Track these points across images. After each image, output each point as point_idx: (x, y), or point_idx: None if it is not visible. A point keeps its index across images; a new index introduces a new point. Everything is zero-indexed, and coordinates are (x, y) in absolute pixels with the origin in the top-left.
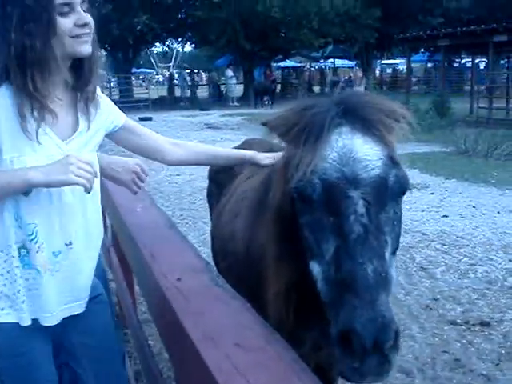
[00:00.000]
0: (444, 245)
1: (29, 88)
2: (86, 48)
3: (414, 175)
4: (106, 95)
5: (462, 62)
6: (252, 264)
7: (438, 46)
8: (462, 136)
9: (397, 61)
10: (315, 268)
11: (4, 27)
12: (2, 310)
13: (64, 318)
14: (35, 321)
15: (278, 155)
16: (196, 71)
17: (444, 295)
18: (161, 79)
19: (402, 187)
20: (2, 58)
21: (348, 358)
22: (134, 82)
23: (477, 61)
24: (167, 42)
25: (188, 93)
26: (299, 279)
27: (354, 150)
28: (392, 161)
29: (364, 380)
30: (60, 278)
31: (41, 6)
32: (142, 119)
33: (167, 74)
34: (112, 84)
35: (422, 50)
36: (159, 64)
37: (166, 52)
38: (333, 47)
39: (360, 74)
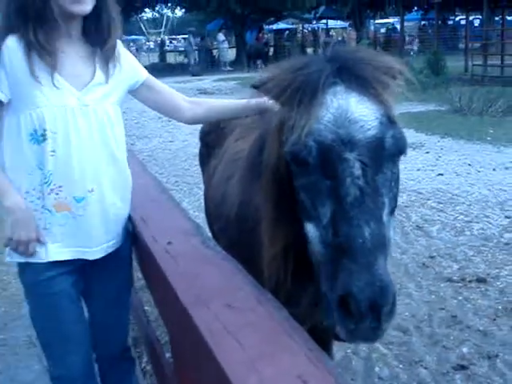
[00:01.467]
0: (440, 203)
1: (30, 38)
2: (79, 8)
3: (409, 135)
4: None
5: (457, 19)
6: (245, 226)
7: (432, 3)
8: (456, 94)
9: (391, 20)
10: (311, 231)
11: None
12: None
13: (89, 264)
14: (63, 263)
15: None
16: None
17: (440, 253)
18: (152, 46)
19: (400, 147)
20: (5, 9)
21: (346, 320)
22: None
23: (471, 18)
24: (157, 8)
25: (196, 56)
26: (296, 240)
27: (350, 110)
28: (389, 120)
29: (358, 341)
30: (84, 221)
31: None
32: None
33: (159, 40)
34: None
35: (416, 8)
36: (150, 30)
37: (156, 17)
38: (325, 8)
39: (354, 34)
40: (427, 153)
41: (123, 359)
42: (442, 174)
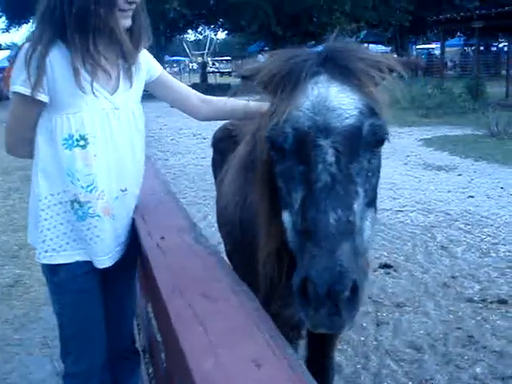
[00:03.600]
0: (467, 224)
1: (90, 50)
2: (127, 21)
3: (442, 157)
4: None
5: (500, 45)
6: (245, 229)
7: (473, 28)
8: (494, 118)
9: (433, 45)
10: (286, 218)
11: None
12: (75, 249)
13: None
14: (96, 263)
15: None
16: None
17: (463, 273)
18: (195, 67)
19: (378, 137)
20: (59, 15)
21: (305, 306)
22: (168, 70)
23: None
24: (199, 29)
25: None
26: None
27: (329, 98)
28: (370, 111)
29: (318, 329)
30: (117, 222)
31: None
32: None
33: (199, 60)
34: None
35: (459, 34)
36: (193, 52)
37: (199, 39)
38: (366, 32)
39: None
40: (459, 175)
41: (130, 351)
42: (472, 197)
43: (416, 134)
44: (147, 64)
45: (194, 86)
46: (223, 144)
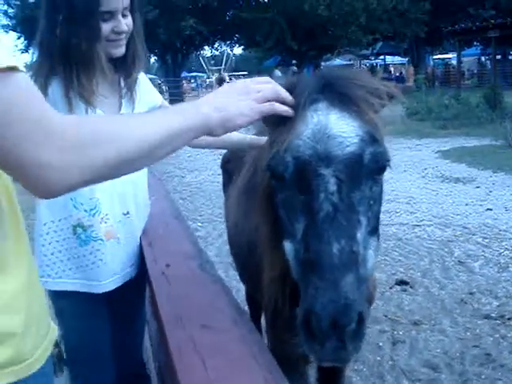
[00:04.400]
0: (485, 238)
1: (73, 80)
2: (118, 51)
3: (460, 169)
4: None
5: None
6: (251, 252)
7: (489, 37)
8: None
9: (449, 55)
10: (288, 247)
11: (53, 19)
12: (71, 279)
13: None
14: (98, 287)
15: None
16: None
17: (480, 289)
18: (212, 82)
19: (380, 164)
20: (49, 48)
21: (310, 340)
22: (185, 86)
23: None
24: (216, 45)
25: None
26: None
27: (329, 126)
28: (370, 138)
29: (323, 363)
30: (122, 245)
31: (87, 12)
32: None
33: (216, 76)
34: (163, 88)
35: (475, 43)
36: (210, 67)
37: (215, 55)
38: (383, 43)
39: (412, 69)
40: (477, 187)
41: (139, 376)
42: (490, 209)
43: (433, 145)
44: (149, 92)
45: None
46: (230, 165)
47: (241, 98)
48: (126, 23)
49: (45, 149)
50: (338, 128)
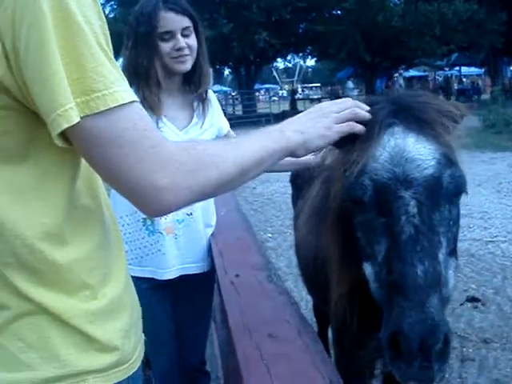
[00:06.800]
0: None
1: (139, 94)
2: (183, 66)
3: None
4: (230, 111)
5: None
6: (319, 267)
7: None
8: None
9: None
10: (368, 269)
11: (125, 45)
12: (134, 267)
13: (180, 278)
14: (159, 274)
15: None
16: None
17: None
18: (285, 94)
19: (458, 188)
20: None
21: (396, 360)
22: (260, 98)
23: None
24: (288, 57)
25: None
26: (362, 281)
27: (406, 149)
28: (448, 160)
29: (409, 382)
30: (181, 242)
31: (147, 34)
32: None
33: (289, 88)
34: (236, 100)
35: None
36: (283, 79)
37: (288, 67)
38: (458, 54)
39: (489, 81)
40: None
41: (200, 372)
42: None
43: (510, 159)
44: (220, 116)
45: (284, 114)
46: (300, 180)
47: (320, 119)
48: (186, 42)
49: (162, 174)
50: (415, 151)
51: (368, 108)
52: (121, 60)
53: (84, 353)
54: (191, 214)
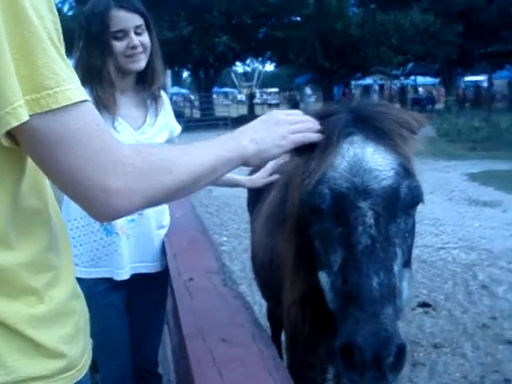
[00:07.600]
0: (510, 263)
1: (93, 94)
2: (137, 65)
3: (488, 192)
4: (188, 113)
5: None
6: (274, 272)
7: None
8: None
9: (482, 77)
10: (323, 278)
11: (76, 46)
12: (89, 269)
13: (132, 278)
14: (111, 279)
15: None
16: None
17: (503, 314)
18: (243, 98)
19: (415, 199)
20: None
21: (349, 370)
22: (218, 101)
23: None
24: (248, 62)
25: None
26: (315, 288)
27: (365, 159)
28: (406, 171)
29: None
30: (132, 242)
31: (99, 33)
32: None
33: (247, 92)
34: (195, 103)
35: (507, 66)
36: (242, 84)
37: (247, 71)
38: (414, 64)
39: (443, 91)
40: (504, 211)
41: (152, 374)
42: None
43: (462, 167)
44: (171, 117)
45: (242, 118)
46: None
47: (276, 128)
48: (140, 40)
49: (114, 177)
50: (374, 161)
51: (319, 127)
52: (72, 61)
53: (30, 359)
54: (142, 214)
